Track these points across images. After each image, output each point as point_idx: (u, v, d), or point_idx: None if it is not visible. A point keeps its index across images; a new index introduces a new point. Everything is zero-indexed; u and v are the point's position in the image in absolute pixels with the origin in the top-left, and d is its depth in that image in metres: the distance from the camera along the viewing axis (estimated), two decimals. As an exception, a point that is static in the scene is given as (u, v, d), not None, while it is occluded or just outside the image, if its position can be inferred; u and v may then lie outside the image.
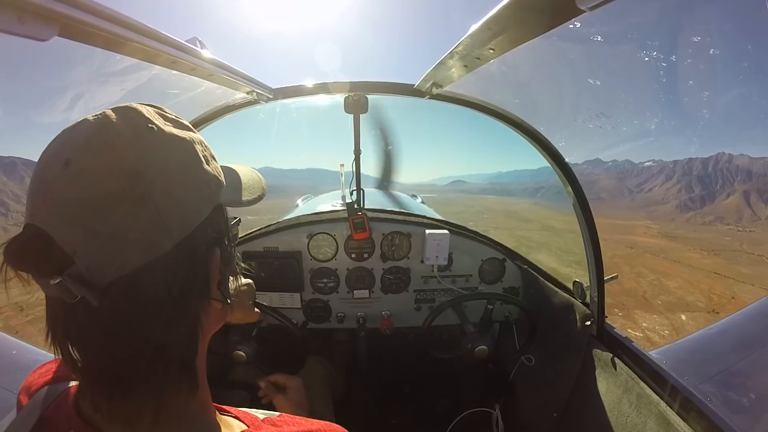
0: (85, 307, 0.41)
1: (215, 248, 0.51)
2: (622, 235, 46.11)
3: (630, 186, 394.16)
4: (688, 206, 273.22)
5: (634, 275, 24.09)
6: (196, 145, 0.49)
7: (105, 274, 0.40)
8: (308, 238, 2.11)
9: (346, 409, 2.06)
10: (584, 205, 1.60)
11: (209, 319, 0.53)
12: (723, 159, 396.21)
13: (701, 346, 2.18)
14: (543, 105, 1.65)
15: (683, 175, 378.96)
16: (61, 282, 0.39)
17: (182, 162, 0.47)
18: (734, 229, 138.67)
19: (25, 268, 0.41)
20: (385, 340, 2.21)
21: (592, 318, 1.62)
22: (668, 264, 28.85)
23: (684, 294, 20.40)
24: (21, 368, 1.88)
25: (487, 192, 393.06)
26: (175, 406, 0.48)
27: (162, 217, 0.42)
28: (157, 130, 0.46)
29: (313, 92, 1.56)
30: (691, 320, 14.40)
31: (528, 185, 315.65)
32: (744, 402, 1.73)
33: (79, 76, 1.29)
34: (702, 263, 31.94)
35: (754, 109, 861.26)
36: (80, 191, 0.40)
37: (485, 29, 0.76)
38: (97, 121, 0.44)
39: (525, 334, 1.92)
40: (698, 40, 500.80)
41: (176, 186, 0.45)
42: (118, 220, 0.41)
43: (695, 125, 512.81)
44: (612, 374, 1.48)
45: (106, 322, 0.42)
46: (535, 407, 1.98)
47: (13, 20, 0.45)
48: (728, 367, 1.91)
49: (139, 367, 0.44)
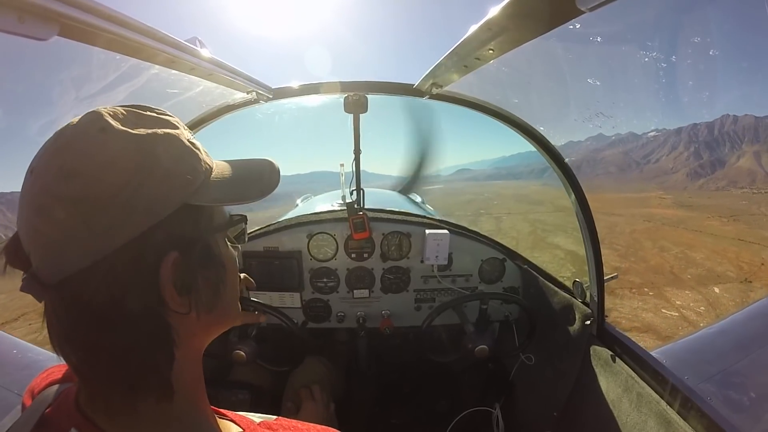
0: (51, 308, 0.45)
1: (172, 252, 0.46)
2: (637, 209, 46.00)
3: (636, 158, 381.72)
4: (699, 173, 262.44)
5: (658, 250, 23.67)
6: (159, 145, 0.47)
7: (51, 274, 0.42)
8: (308, 237, 2.11)
9: (346, 409, 2.06)
10: (584, 205, 1.61)
11: (186, 324, 0.50)
12: (728, 121, 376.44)
13: (701, 346, 2.18)
14: (543, 105, 1.65)
15: (690, 142, 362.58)
16: (24, 281, 0.43)
17: (134, 162, 0.44)
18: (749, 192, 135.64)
19: (10, 263, 0.45)
20: (385, 339, 2.21)
21: (592, 317, 1.63)
22: (690, 235, 28.32)
23: (713, 265, 20.05)
24: (21, 368, 1.88)
25: (493, 178, 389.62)
26: (150, 407, 0.49)
27: (101, 219, 0.42)
28: (110, 130, 0.44)
29: (312, 92, 1.56)
30: (726, 292, 14.15)
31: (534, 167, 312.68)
32: (744, 401, 1.73)
33: (78, 76, 1.28)
34: (724, 230, 31.45)
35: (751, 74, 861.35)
36: (31, 194, 0.43)
37: (485, 30, 0.76)
38: (60, 128, 0.46)
39: (525, 334, 1.92)
40: (698, 40, 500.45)
41: (121, 187, 0.43)
42: (58, 222, 0.41)
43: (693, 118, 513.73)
44: (612, 373, 1.48)
45: (63, 323, 0.45)
46: (536, 406, 1.98)
47: (13, 20, 0.45)
48: (728, 366, 1.91)
49: (99, 368, 0.46)
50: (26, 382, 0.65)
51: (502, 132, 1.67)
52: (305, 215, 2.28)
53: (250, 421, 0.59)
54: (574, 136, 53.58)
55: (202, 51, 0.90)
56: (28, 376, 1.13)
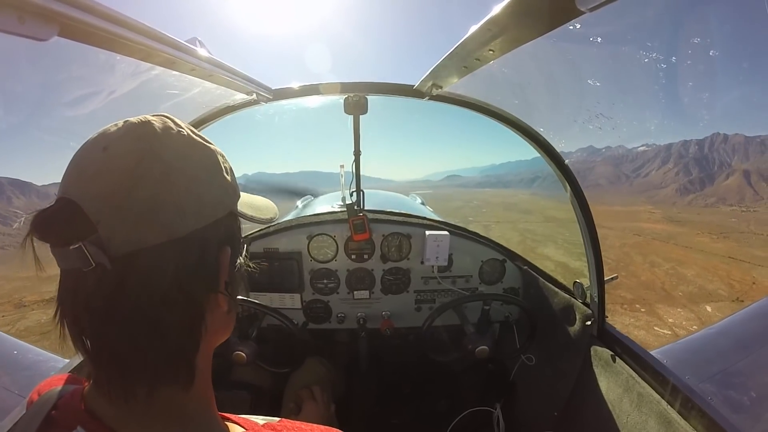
0: (95, 277, 0.44)
1: (226, 247, 0.54)
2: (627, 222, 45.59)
3: (626, 171, 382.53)
4: (689, 189, 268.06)
5: (649, 265, 23.47)
6: (218, 156, 0.55)
7: (121, 245, 0.44)
8: (308, 239, 2.11)
9: (347, 409, 2.06)
10: (584, 205, 1.61)
11: (214, 318, 0.54)
12: (718, 140, 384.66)
13: (701, 346, 2.19)
14: (543, 106, 1.65)
15: (680, 157, 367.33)
16: (80, 247, 0.43)
17: (204, 164, 0.53)
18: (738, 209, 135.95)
19: (49, 234, 0.45)
20: (385, 340, 2.21)
21: (593, 318, 1.63)
22: (680, 250, 28.29)
23: (704, 282, 19.96)
24: (21, 368, 1.88)
25: (483, 185, 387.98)
26: (169, 396, 0.50)
27: (181, 204, 0.47)
28: (186, 134, 0.52)
29: (312, 93, 1.56)
30: (718, 311, 14.08)
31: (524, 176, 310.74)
32: (744, 401, 1.73)
33: (78, 76, 1.28)
34: (714, 247, 31.33)
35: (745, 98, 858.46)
36: (112, 171, 0.46)
37: (485, 30, 0.76)
38: (136, 120, 0.50)
39: (525, 334, 1.92)
40: (698, 41, 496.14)
41: (196, 182, 0.50)
42: (142, 200, 0.45)
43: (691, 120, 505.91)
44: (612, 373, 1.48)
45: (112, 293, 0.45)
46: (536, 407, 1.98)
47: (13, 20, 0.45)
48: (728, 366, 1.91)
49: (136, 343, 0.46)
50: (26, 382, 0.65)
51: (493, 138, 1.68)
52: (305, 216, 2.28)
53: (254, 423, 0.59)
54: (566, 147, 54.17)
55: (202, 51, 0.90)
56: (28, 377, 1.14)
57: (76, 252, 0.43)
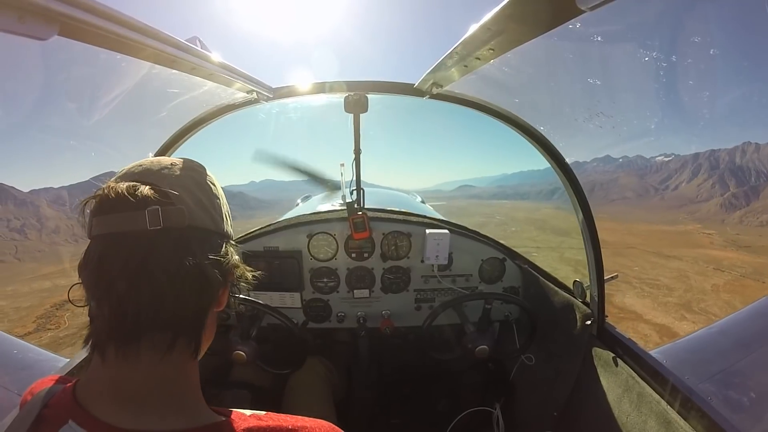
0: (149, 240, 0.54)
1: (235, 253, 0.68)
2: (690, 249, 39.51)
3: (654, 183, 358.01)
4: (734, 204, 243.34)
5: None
6: (220, 191, 0.71)
7: (185, 218, 0.58)
8: (308, 237, 2.11)
9: (347, 409, 2.06)
10: (584, 205, 1.61)
11: (213, 313, 0.64)
12: (750, 149, 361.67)
13: (701, 346, 2.18)
14: (543, 105, 1.65)
15: (711, 168, 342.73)
16: (156, 210, 0.54)
17: (222, 202, 0.70)
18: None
19: (131, 198, 0.55)
20: (385, 339, 2.21)
21: (593, 317, 1.63)
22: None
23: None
24: (21, 368, 1.88)
25: (498, 196, 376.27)
26: (174, 366, 0.57)
27: (218, 212, 0.66)
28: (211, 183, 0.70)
29: (312, 91, 1.56)
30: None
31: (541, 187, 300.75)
32: (744, 401, 1.73)
33: (78, 75, 1.28)
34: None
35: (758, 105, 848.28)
36: (183, 173, 0.64)
37: (485, 29, 0.76)
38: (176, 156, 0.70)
39: (525, 334, 1.92)
40: (698, 40, 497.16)
41: (212, 197, 0.67)
42: (202, 195, 0.64)
43: (696, 123, 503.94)
44: (612, 373, 1.48)
45: (160, 254, 0.55)
46: (536, 406, 1.98)
47: (13, 20, 0.45)
48: (728, 366, 1.91)
49: (163, 303, 0.54)
50: (26, 382, 0.66)
51: (502, 148, 1.65)
52: (305, 215, 2.28)
53: (241, 413, 0.61)
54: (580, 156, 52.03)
55: (203, 51, 0.90)
56: (28, 376, 1.13)
57: (151, 212, 0.54)
